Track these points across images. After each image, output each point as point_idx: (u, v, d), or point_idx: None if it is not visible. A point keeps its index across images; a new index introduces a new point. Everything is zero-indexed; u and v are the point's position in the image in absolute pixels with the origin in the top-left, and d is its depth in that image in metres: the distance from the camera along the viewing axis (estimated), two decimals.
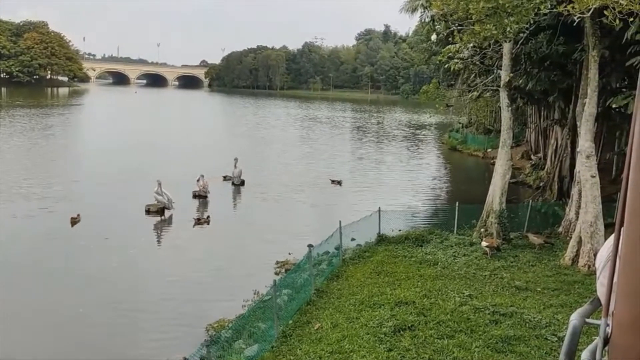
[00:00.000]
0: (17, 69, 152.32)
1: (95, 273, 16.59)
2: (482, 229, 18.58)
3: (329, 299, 13.39)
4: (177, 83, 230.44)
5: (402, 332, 11.07)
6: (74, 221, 21.32)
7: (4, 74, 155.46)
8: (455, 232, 19.32)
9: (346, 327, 11.52)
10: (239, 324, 11.61)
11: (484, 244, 17.04)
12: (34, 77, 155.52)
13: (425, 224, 21.25)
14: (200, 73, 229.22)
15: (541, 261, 16.48)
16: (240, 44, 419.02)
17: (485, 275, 15.05)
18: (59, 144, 44.37)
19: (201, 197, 26.50)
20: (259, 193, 28.69)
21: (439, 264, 15.95)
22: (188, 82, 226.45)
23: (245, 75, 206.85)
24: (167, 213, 23.47)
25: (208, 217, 23.01)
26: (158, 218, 23.11)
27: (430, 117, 63.94)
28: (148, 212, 23.45)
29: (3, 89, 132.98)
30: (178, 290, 15.47)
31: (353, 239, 18.36)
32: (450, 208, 21.40)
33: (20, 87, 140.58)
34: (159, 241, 21.01)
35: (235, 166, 30.05)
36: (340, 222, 16.65)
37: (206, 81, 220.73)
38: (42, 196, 25.47)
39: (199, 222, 22.69)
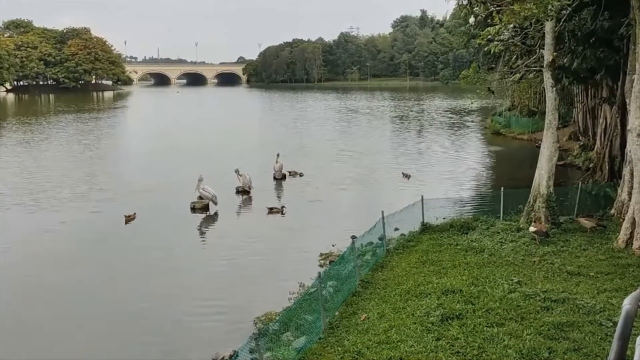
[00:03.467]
0: (63, 75, 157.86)
1: (143, 270, 17.08)
2: (530, 214, 18.13)
3: (374, 290, 13.36)
4: (215, 81, 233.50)
5: (450, 321, 10.94)
6: (129, 219, 22.01)
7: (51, 80, 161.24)
8: (501, 218, 18.92)
9: (393, 317, 11.46)
10: (286, 316, 11.71)
11: (532, 229, 16.62)
12: (80, 82, 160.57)
13: (469, 211, 20.87)
14: (238, 70, 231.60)
15: (593, 245, 15.96)
16: (276, 38, 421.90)
17: (534, 261, 14.70)
18: (109, 145, 45.71)
19: (244, 192, 26.84)
20: (300, 186, 28.86)
21: (486, 251, 15.66)
22: (226, 80, 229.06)
23: (282, 70, 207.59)
24: (212, 209, 23.86)
25: (283, 207, 23.32)
26: (204, 214, 23.51)
27: (472, 102, 62.78)
28: (193, 209, 23.89)
29: (51, 96, 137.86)
30: (224, 284, 15.74)
31: (397, 229, 18.23)
32: (495, 194, 20.99)
33: (67, 92, 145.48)
34: (204, 237, 21.39)
35: (276, 161, 30.35)
36: (382, 212, 16.54)
37: (244, 77, 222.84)
38: (92, 197, 26.32)
39: (271, 211, 23.11)
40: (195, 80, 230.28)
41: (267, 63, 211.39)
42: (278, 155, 30.59)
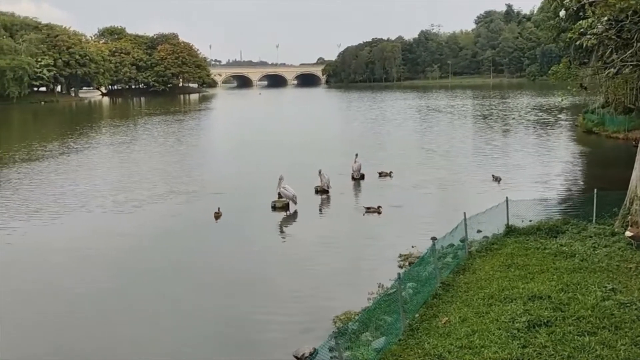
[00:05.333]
0: (153, 79, 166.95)
1: (226, 266, 17.65)
2: (626, 218, 16.99)
3: (455, 293, 13.04)
4: (295, 82, 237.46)
5: (537, 328, 10.49)
6: (217, 216, 22.92)
7: (142, 84, 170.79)
8: (594, 221, 17.85)
9: (475, 321, 11.15)
10: (365, 316, 11.69)
11: (628, 233, 15.58)
12: (168, 85, 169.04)
13: (559, 214, 19.88)
14: (317, 70, 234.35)
15: None
16: (356, 38, 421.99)
17: (630, 268, 13.77)
18: (192, 145, 47.74)
19: (324, 192, 27.07)
20: (380, 186, 28.71)
21: (577, 255, 14.85)
22: (306, 80, 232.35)
23: (362, 70, 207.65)
24: (291, 208, 24.25)
25: (379, 207, 23.36)
26: (284, 214, 23.94)
27: (562, 99, 59.91)
28: (274, 208, 24.40)
29: (142, 99, 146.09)
30: (304, 281, 15.94)
31: (479, 231, 17.70)
32: (587, 196, 19.85)
33: (157, 95, 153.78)
34: (284, 236, 21.77)
35: (355, 161, 30.37)
36: (464, 213, 16.11)
37: (323, 78, 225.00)
38: (176, 197, 27.56)
39: (369, 210, 23.25)
40: (276, 81, 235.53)
41: (346, 63, 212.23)
42: (357, 155, 30.62)
